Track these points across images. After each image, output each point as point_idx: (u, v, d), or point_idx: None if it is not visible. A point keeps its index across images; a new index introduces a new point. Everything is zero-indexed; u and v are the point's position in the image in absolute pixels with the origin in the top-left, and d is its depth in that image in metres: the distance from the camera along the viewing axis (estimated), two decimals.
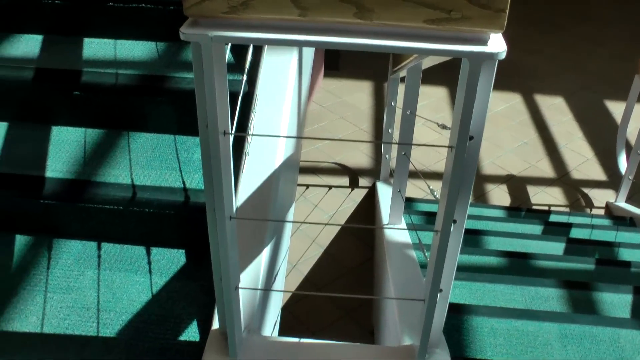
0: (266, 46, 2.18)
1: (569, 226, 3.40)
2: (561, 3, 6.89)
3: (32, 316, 1.73)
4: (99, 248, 1.90)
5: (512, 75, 5.36)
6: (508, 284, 2.32)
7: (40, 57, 2.26)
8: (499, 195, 4.09)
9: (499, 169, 4.32)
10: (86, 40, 2.34)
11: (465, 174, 1.23)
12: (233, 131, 1.23)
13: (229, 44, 1.29)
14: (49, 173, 1.97)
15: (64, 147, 2.06)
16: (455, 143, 1.17)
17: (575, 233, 3.32)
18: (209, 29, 1.02)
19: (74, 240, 1.93)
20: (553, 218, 3.70)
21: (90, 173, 1.96)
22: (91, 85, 2.11)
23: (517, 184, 4.20)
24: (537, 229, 3.36)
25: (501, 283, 2.33)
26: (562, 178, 4.28)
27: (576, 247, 3.01)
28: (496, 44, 1.03)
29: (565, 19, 6.57)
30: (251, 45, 1.91)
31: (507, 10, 0.99)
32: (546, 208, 3.98)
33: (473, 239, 3.01)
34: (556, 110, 5.04)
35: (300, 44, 1.01)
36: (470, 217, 3.14)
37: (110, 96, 2.11)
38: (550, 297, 2.28)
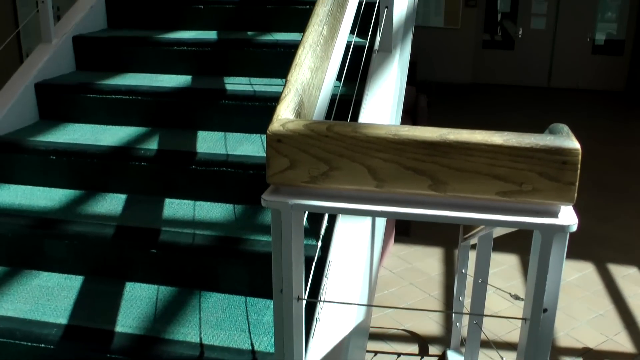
0: None
1: None
2: (634, 171, 6.87)
3: None
4: None
5: (584, 244, 5.28)
6: None
7: (122, 215, 2.36)
8: None
9: (574, 342, 4.16)
10: (167, 200, 2.45)
11: (539, 347, 1.20)
12: (306, 296, 1.24)
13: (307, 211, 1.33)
14: (119, 328, 1.99)
15: (136, 303, 2.10)
16: (529, 315, 1.16)
17: None
18: (290, 197, 1.07)
19: None
20: None
21: (159, 330, 1.98)
22: (168, 244, 2.18)
23: (594, 358, 4.03)
24: None
25: None
26: None
27: None
28: (567, 216, 1.04)
29: (638, 187, 6.52)
30: None
31: (577, 184, 1.01)
32: None
33: None
34: (631, 280, 4.90)
35: (376, 215, 1.04)
36: None
37: (186, 255, 2.17)
38: None
